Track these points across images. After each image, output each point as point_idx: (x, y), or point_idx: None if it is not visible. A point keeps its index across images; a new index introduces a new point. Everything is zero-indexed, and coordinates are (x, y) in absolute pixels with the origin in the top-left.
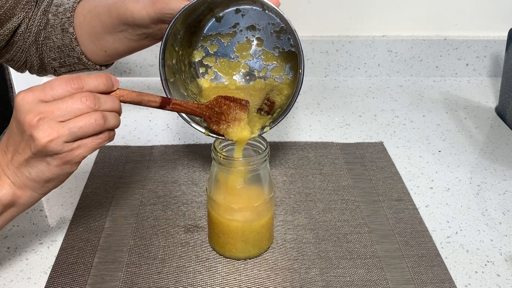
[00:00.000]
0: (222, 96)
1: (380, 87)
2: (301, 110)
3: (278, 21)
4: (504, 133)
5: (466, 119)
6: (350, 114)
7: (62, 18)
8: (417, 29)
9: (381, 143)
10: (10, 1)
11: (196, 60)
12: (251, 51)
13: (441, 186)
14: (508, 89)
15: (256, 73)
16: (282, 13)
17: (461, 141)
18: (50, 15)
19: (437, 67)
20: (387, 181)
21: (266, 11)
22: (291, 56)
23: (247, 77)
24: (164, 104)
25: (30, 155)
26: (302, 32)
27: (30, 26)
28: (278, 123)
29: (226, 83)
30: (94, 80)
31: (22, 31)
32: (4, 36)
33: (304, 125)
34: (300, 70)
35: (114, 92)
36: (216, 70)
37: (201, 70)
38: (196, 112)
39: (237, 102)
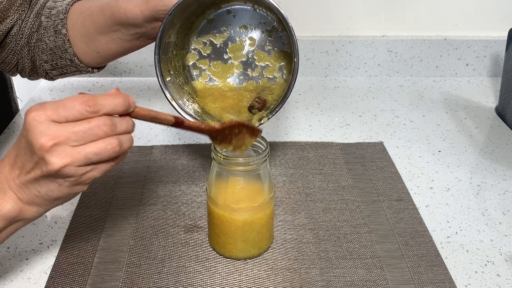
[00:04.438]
0: (238, 122)
1: (380, 87)
2: (301, 110)
3: (270, 19)
4: (504, 133)
5: (466, 119)
6: (350, 114)
7: (55, 20)
8: (417, 29)
9: (381, 143)
10: (4, 3)
11: (190, 63)
12: (244, 52)
13: (441, 186)
14: (508, 89)
15: (249, 73)
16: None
17: (461, 141)
18: (43, 17)
19: (437, 67)
20: (387, 181)
21: (257, 10)
22: (284, 56)
23: (241, 77)
24: (177, 125)
25: (40, 175)
26: (302, 32)
27: (22, 28)
28: (275, 113)
29: (220, 85)
30: (111, 102)
31: (15, 33)
32: None
33: (304, 125)
34: (295, 59)
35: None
36: (209, 73)
37: (195, 72)
38: (206, 133)
39: (249, 128)
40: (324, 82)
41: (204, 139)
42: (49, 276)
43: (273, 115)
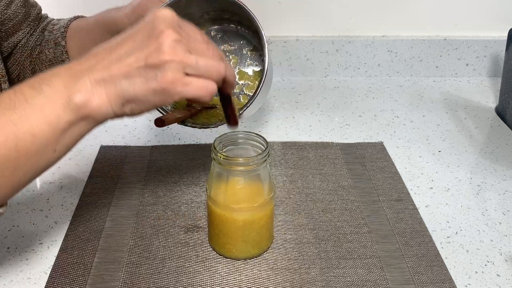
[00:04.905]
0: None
1: (380, 87)
2: (301, 110)
3: (251, 39)
4: (504, 133)
5: (466, 119)
6: (350, 114)
7: (56, 34)
8: (417, 29)
9: (381, 143)
10: (20, 16)
11: None
12: None
13: (441, 186)
14: (508, 89)
15: None
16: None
17: (461, 141)
18: (46, 32)
19: (437, 67)
20: (387, 181)
21: (240, 32)
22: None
23: None
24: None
25: (140, 65)
26: (302, 32)
27: (28, 41)
28: (247, 108)
29: None
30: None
31: (22, 45)
32: (8, 48)
33: (304, 125)
34: (265, 58)
35: None
36: None
37: None
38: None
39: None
40: (324, 82)
41: (204, 139)
42: (49, 276)
43: (244, 110)
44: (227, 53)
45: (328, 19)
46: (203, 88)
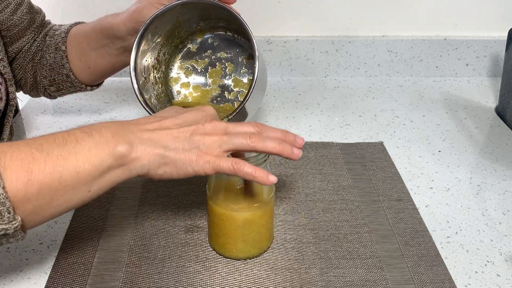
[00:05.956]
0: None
1: (380, 87)
2: (301, 110)
3: (247, 47)
4: (504, 133)
5: (466, 119)
6: (350, 114)
7: (57, 39)
8: (417, 29)
9: (381, 143)
10: (25, 23)
11: (173, 86)
12: (222, 77)
13: (441, 186)
14: (508, 89)
15: (226, 95)
16: (232, 10)
17: (461, 141)
18: (47, 37)
19: (437, 67)
20: (387, 181)
21: (236, 40)
22: None
23: (218, 99)
24: None
25: (186, 137)
26: (302, 32)
27: (31, 46)
28: (235, 113)
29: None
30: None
31: (25, 50)
32: (13, 53)
33: (304, 125)
34: (255, 65)
35: None
36: (190, 98)
37: (176, 92)
38: None
39: None
40: (324, 82)
41: None
42: (49, 276)
43: (232, 115)
44: (223, 60)
45: (328, 19)
46: (231, 162)
